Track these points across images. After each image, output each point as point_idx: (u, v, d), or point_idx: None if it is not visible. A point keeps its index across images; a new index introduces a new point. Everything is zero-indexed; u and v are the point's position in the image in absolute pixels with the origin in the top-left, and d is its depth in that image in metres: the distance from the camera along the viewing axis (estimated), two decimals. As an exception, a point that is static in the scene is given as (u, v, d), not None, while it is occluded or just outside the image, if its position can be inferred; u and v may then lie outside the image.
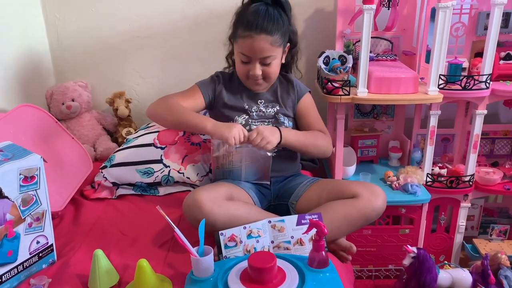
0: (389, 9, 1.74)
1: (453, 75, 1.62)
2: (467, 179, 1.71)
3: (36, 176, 1.10)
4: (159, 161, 1.61)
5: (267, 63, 1.38)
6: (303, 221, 1.18)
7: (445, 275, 1.53)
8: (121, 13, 1.91)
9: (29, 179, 1.09)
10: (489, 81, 1.59)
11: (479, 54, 1.67)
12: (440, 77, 1.58)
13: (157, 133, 1.69)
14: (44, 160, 1.12)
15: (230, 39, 1.47)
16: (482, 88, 1.59)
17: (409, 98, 1.58)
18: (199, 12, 1.91)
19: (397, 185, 1.69)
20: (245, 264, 1.03)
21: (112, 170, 1.59)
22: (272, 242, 1.18)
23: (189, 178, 1.59)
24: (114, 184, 1.58)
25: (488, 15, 1.63)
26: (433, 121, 1.66)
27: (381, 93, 1.58)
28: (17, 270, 1.10)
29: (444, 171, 1.76)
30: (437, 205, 1.77)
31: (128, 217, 1.46)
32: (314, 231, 1.04)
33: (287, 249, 1.17)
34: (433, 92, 1.58)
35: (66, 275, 1.13)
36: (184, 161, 1.62)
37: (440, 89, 1.59)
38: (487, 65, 1.57)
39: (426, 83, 1.62)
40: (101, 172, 1.59)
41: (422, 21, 1.74)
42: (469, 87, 1.58)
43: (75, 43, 1.96)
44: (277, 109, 1.48)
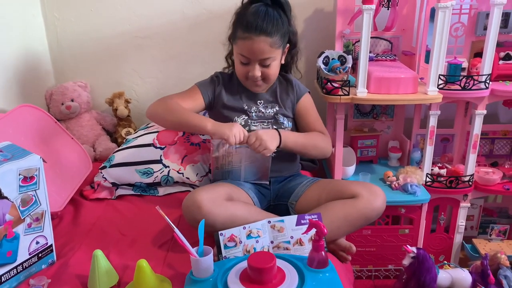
0: (388, 9, 1.74)
1: (452, 75, 1.62)
2: (467, 179, 1.72)
3: (35, 176, 1.10)
4: (159, 161, 1.61)
5: (267, 65, 1.38)
6: (302, 221, 1.18)
7: (445, 275, 1.53)
8: (120, 14, 1.91)
9: (28, 179, 1.08)
10: (488, 81, 1.59)
11: (479, 54, 1.67)
12: (439, 77, 1.58)
13: (157, 133, 1.69)
14: (43, 160, 1.12)
15: (229, 39, 1.46)
16: (481, 88, 1.59)
17: (409, 98, 1.58)
18: (199, 12, 1.91)
19: (397, 185, 1.69)
20: (244, 264, 1.03)
21: (111, 170, 1.59)
22: (271, 242, 1.18)
23: (188, 178, 1.59)
24: (113, 184, 1.58)
25: (487, 15, 1.63)
26: (433, 121, 1.66)
27: (380, 93, 1.58)
28: (17, 270, 1.10)
29: (443, 171, 1.76)
30: (437, 205, 1.77)
31: (127, 217, 1.46)
32: (313, 231, 1.04)
33: (287, 249, 1.17)
34: (433, 92, 1.58)
35: (65, 275, 1.13)
36: (183, 161, 1.61)
37: (439, 89, 1.59)
38: (486, 65, 1.57)
39: (425, 83, 1.62)
40: (101, 172, 1.59)
41: (421, 21, 1.74)
42: (469, 87, 1.58)
43: (75, 44, 1.96)
44: (277, 110, 1.48)
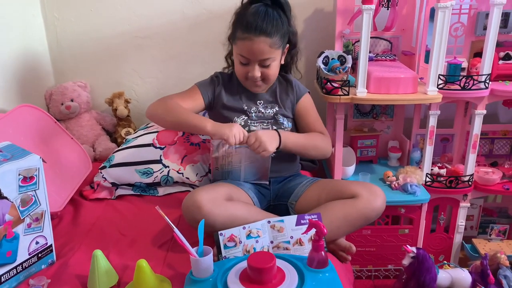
0: (388, 9, 1.74)
1: (452, 75, 1.62)
2: (467, 179, 1.72)
3: (35, 176, 1.10)
4: (159, 161, 1.61)
5: (266, 65, 1.37)
6: (302, 221, 1.18)
7: (445, 275, 1.53)
8: (120, 14, 1.91)
9: (28, 179, 1.08)
10: (488, 81, 1.59)
11: (478, 54, 1.67)
12: (439, 77, 1.58)
13: (157, 133, 1.69)
14: (43, 160, 1.12)
15: (229, 40, 1.46)
16: (481, 88, 1.59)
17: (408, 98, 1.58)
18: (199, 12, 1.90)
19: (397, 185, 1.69)
20: (244, 264, 1.03)
21: (111, 170, 1.59)
22: (271, 242, 1.18)
23: (188, 178, 1.59)
24: (113, 184, 1.58)
25: (487, 15, 1.63)
26: (432, 121, 1.66)
27: (380, 93, 1.58)
28: (16, 270, 1.10)
29: (443, 171, 1.76)
30: (437, 205, 1.77)
31: (127, 217, 1.46)
32: (313, 231, 1.04)
33: (287, 249, 1.17)
34: (432, 92, 1.58)
35: (65, 275, 1.13)
36: (183, 161, 1.61)
37: (439, 89, 1.59)
38: (486, 65, 1.57)
39: (425, 83, 1.62)
40: (100, 172, 1.59)
41: (421, 21, 1.74)
42: (468, 87, 1.58)
43: (75, 44, 1.96)
44: (276, 110, 1.48)
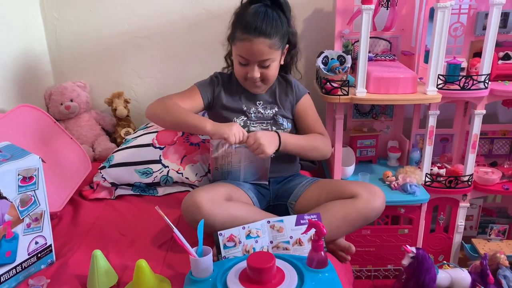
0: (387, 9, 1.74)
1: (451, 75, 1.62)
2: (466, 179, 1.72)
3: (34, 176, 1.10)
4: (158, 161, 1.60)
5: (266, 66, 1.37)
6: (302, 221, 1.18)
7: (444, 275, 1.53)
8: (120, 14, 1.91)
9: (27, 179, 1.08)
10: (487, 81, 1.59)
11: (478, 54, 1.67)
12: (438, 77, 1.58)
13: (156, 134, 1.69)
14: (42, 160, 1.12)
15: (228, 40, 1.46)
16: (480, 88, 1.59)
17: (408, 98, 1.58)
18: (198, 12, 1.90)
19: (396, 185, 1.69)
20: (244, 264, 1.03)
21: (110, 170, 1.59)
22: (271, 242, 1.18)
23: (188, 178, 1.59)
24: (113, 184, 1.58)
25: (486, 15, 1.63)
26: (432, 121, 1.66)
27: (379, 93, 1.58)
28: (16, 270, 1.10)
29: (443, 171, 1.76)
30: (436, 205, 1.77)
31: (127, 217, 1.46)
32: (313, 231, 1.04)
33: (286, 249, 1.17)
34: (432, 92, 1.58)
35: (64, 275, 1.13)
36: (183, 161, 1.61)
37: (438, 89, 1.59)
38: (485, 65, 1.57)
39: (424, 83, 1.62)
40: (100, 172, 1.59)
41: (420, 21, 1.74)
42: (468, 87, 1.58)
43: (74, 44, 1.95)
44: (276, 111, 1.48)
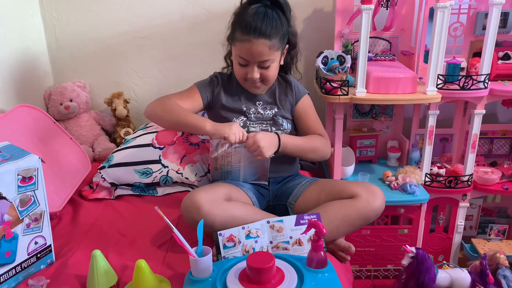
0: (387, 9, 1.74)
1: (451, 75, 1.62)
2: (466, 179, 1.72)
3: (34, 176, 1.10)
4: (158, 162, 1.60)
5: (266, 66, 1.37)
6: (301, 221, 1.18)
7: (444, 275, 1.53)
8: (119, 14, 1.91)
9: (27, 179, 1.08)
10: (487, 81, 1.59)
11: (478, 54, 1.67)
12: (438, 77, 1.58)
13: (156, 134, 1.69)
14: (42, 160, 1.12)
15: (228, 40, 1.45)
16: (480, 88, 1.59)
17: (408, 98, 1.58)
18: (198, 12, 1.90)
19: (396, 185, 1.69)
20: (243, 264, 1.03)
21: (110, 170, 1.58)
22: (270, 242, 1.18)
23: (187, 178, 1.59)
24: (112, 184, 1.58)
25: (486, 15, 1.63)
26: (432, 121, 1.66)
27: (379, 93, 1.58)
28: (15, 271, 1.10)
29: (442, 171, 1.76)
30: (436, 205, 1.77)
31: (126, 217, 1.46)
32: (312, 231, 1.04)
33: (286, 249, 1.17)
34: (432, 92, 1.58)
35: (64, 275, 1.13)
36: (182, 162, 1.61)
37: (438, 89, 1.59)
38: (485, 65, 1.57)
39: (424, 83, 1.62)
40: (100, 172, 1.59)
41: (420, 21, 1.74)
42: (468, 87, 1.58)
43: (74, 44, 1.95)
44: (275, 111, 1.47)
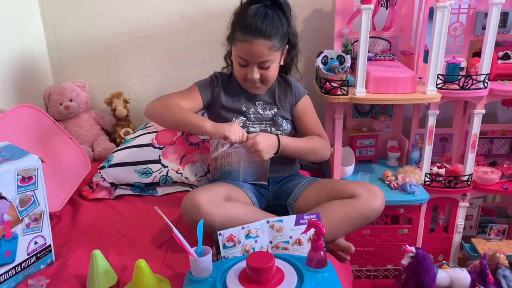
0: (387, 9, 1.74)
1: (451, 75, 1.62)
2: (466, 178, 1.72)
3: (34, 176, 1.10)
4: (158, 161, 1.60)
5: (266, 67, 1.37)
6: (301, 221, 1.18)
7: (444, 275, 1.53)
8: (119, 14, 1.91)
9: (27, 179, 1.08)
10: (487, 81, 1.59)
11: (477, 53, 1.67)
12: (438, 77, 1.58)
13: (155, 133, 1.69)
14: (42, 160, 1.12)
15: (228, 40, 1.45)
16: (480, 87, 1.59)
17: (407, 97, 1.58)
18: (198, 12, 1.90)
19: (396, 184, 1.69)
20: (243, 264, 1.03)
21: (110, 170, 1.58)
22: (270, 242, 1.18)
23: (187, 178, 1.59)
24: (112, 184, 1.58)
25: (486, 15, 1.63)
26: (431, 121, 1.66)
27: (379, 93, 1.58)
28: (15, 270, 1.10)
29: (442, 171, 1.76)
30: (436, 205, 1.77)
31: (126, 217, 1.46)
32: (312, 231, 1.04)
33: (286, 249, 1.17)
34: (431, 91, 1.58)
35: (64, 275, 1.13)
36: (182, 161, 1.61)
37: (438, 88, 1.59)
38: (485, 65, 1.57)
39: (424, 82, 1.62)
40: (99, 172, 1.59)
41: (420, 20, 1.74)
42: (467, 86, 1.58)
43: (73, 44, 1.95)
44: (275, 112, 1.47)
